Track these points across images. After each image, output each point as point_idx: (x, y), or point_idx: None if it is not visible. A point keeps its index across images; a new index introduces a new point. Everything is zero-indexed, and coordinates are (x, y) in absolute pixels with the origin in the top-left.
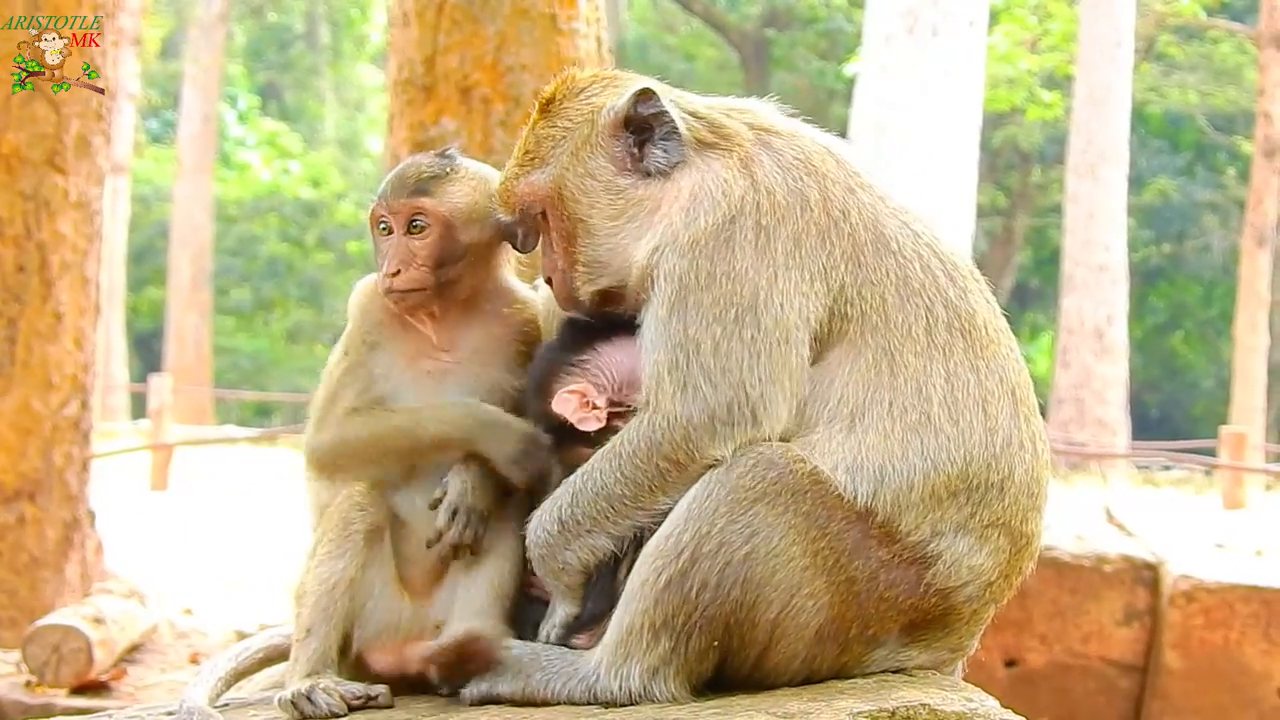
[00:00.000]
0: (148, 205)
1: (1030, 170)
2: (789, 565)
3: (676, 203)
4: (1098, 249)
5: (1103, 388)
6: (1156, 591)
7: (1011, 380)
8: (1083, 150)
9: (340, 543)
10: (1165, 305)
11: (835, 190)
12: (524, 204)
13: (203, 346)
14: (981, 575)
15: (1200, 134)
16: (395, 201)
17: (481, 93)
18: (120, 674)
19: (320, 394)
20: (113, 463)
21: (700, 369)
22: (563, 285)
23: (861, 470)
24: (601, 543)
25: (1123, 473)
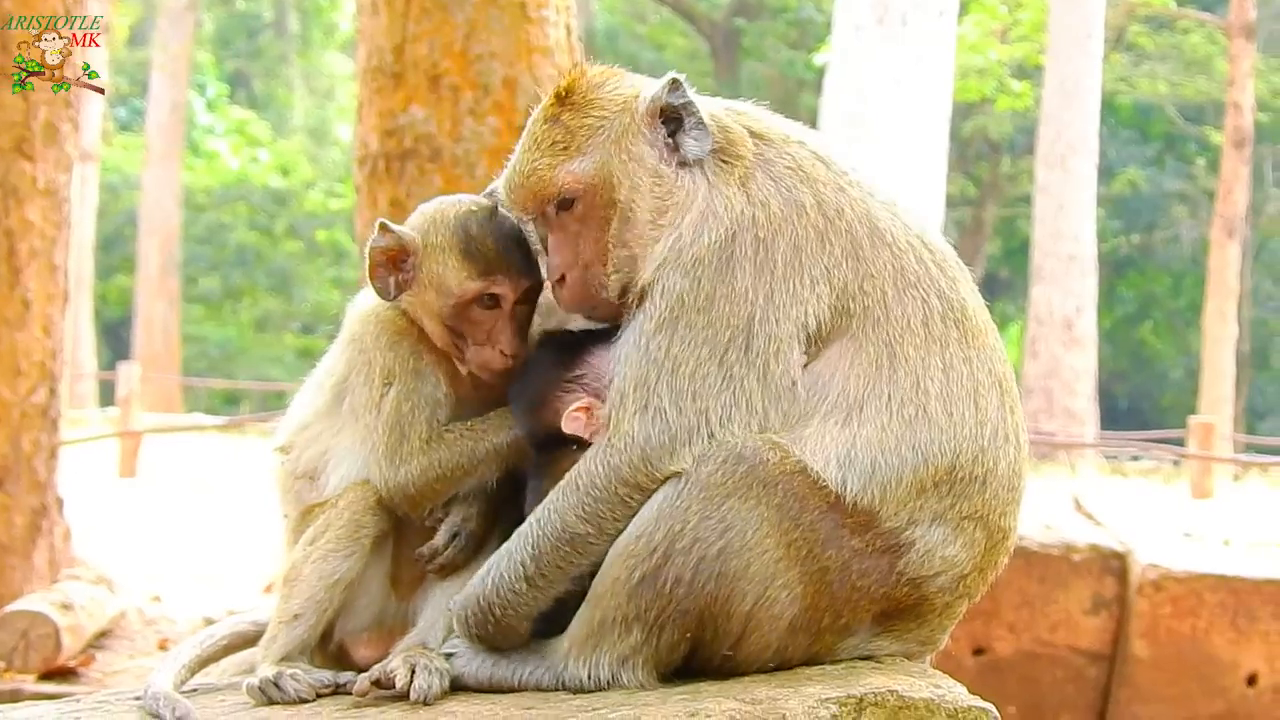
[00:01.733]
0: (116, 193)
1: (1000, 160)
2: (763, 558)
3: (688, 213)
4: (1067, 239)
5: (1072, 378)
6: (1124, 581)
7: (999, 372)
8: (1052, 140)
9: (349, 542)
10: (1134, 296)
11: (827, 192)
12: (561, 192)
13: (171, 334)
14: (955, 567)
15: (1170, 124)
16: (520, 284)
17: (450, 81)
18: (88, 660)
19: (382, 428)
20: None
21: (669, 389)
22: (583, 284)
23: (853, 463)
24: (563, 589)
25: (1091, 462)
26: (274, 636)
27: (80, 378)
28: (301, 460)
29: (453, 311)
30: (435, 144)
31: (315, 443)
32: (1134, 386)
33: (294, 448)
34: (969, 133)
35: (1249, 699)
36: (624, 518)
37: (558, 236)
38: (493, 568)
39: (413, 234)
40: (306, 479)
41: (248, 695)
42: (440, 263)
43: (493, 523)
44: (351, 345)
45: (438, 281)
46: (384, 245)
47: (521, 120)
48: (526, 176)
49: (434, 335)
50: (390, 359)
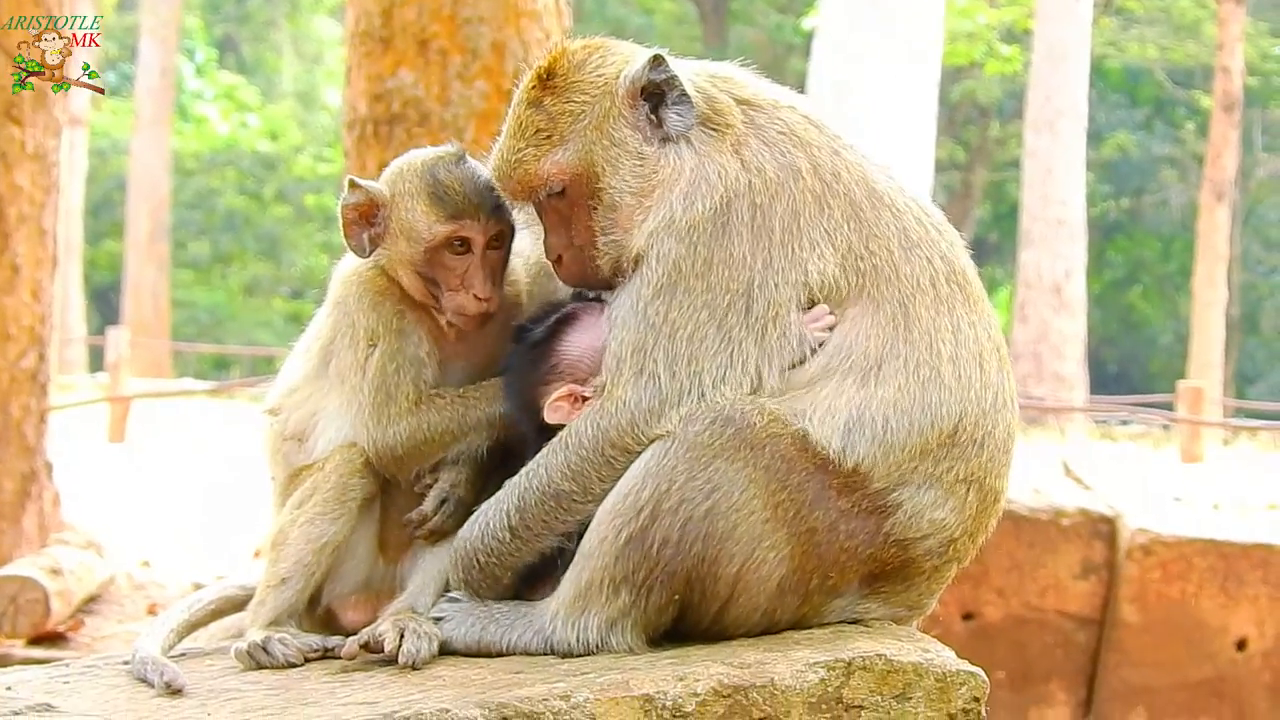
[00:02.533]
0: (105, 158)
1: (989, 125)
2: (750, 519)
3: (676, 185)
4: (1056, 204)
5: (1061, 342)
6: (1114, 545)
7: (996, 337)
8: (1041, 105)
9: (336, 505)
10: (1123, 260)
11: (822, 156)
12: (547, 184)
13: (160, 300)
14: (944, 530)
15: (1159, 88)
16: (490, 225)
17: (439, 45)
18: (77, 625)
19: (368, 389)
20: (70, 415)
21: (664, 354)
22: (578, 262)
23: (864, 423)
24: (549, 543)
25: (1080, 427)
26: (262, 601)
27: (69, 343)
28: (290, 423)
29: (424, 258)
30: (424, 108)
31: (303, 405)
32: (1123, 351)
33: (283, 410)
34: (958, 97)
35: (1238, 663)
36: (609, 479)
37: (551, 219)
38: (481, 515)
39: (381, 187)
40: (295, 441)
41: (236, 660)
42: (409, 210)
43: (481, 489)
44: (336, 308)
45: (408, 229)
46: (354, 201)
47: (510, 84)
48: (514, 167)
49: (411, 288)
50: (373, 319)
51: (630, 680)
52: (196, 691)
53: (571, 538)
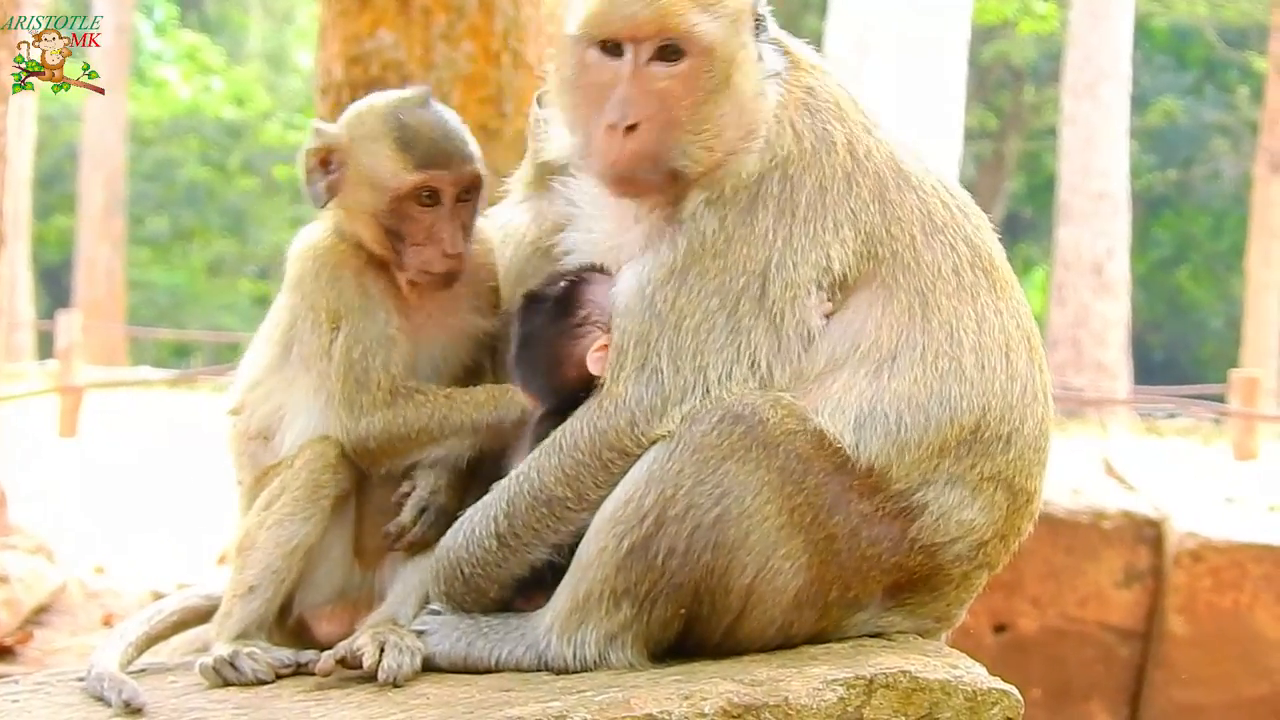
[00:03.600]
0: (55, 125)
1: (1023, 89)
2: (764, 525)
3: (759, 135)
4: (1096, 176)
5: (1102, 328)
6: (1160, 550)
7: (1027, 327)
8: (1080, 67)
9: (306, 505)
10: (1170, 237)
11: (858, 132)
12: (679, 38)
13: (115, 280)
14: (973, 532)
15: (1209, 49)
16: (461, 174)
17: (421, 3)
18: (26, 637)
19: (336, 376)
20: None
21: (669, 347)
22: (656, 141)
23: (876, 418)
24: (539, 554)
25: (1124, 421)
26: (229, 612)
27: (16, 327)
28: (254, 420)
29: (389, 208)
30: (405, 71)
31: (268, 400)
32: (1170, 337)
33: (246, 407)
34: (989, 59)
35: None
36: (606, 484)
37: (638, 82)
38: (466, 521)
39: (338, 130)
40: (260, 440)
41: (201, 676)
42: (372, 155)
43: (463, 496)
44: (294, 290)
45: (370, 176)
46: (314, 146)
47: (500, 45)
48: (649, 2)
49: (370, 241)
50: (334, 298)
51: (631, 699)
52: (158, 711)
53: (562, 550)
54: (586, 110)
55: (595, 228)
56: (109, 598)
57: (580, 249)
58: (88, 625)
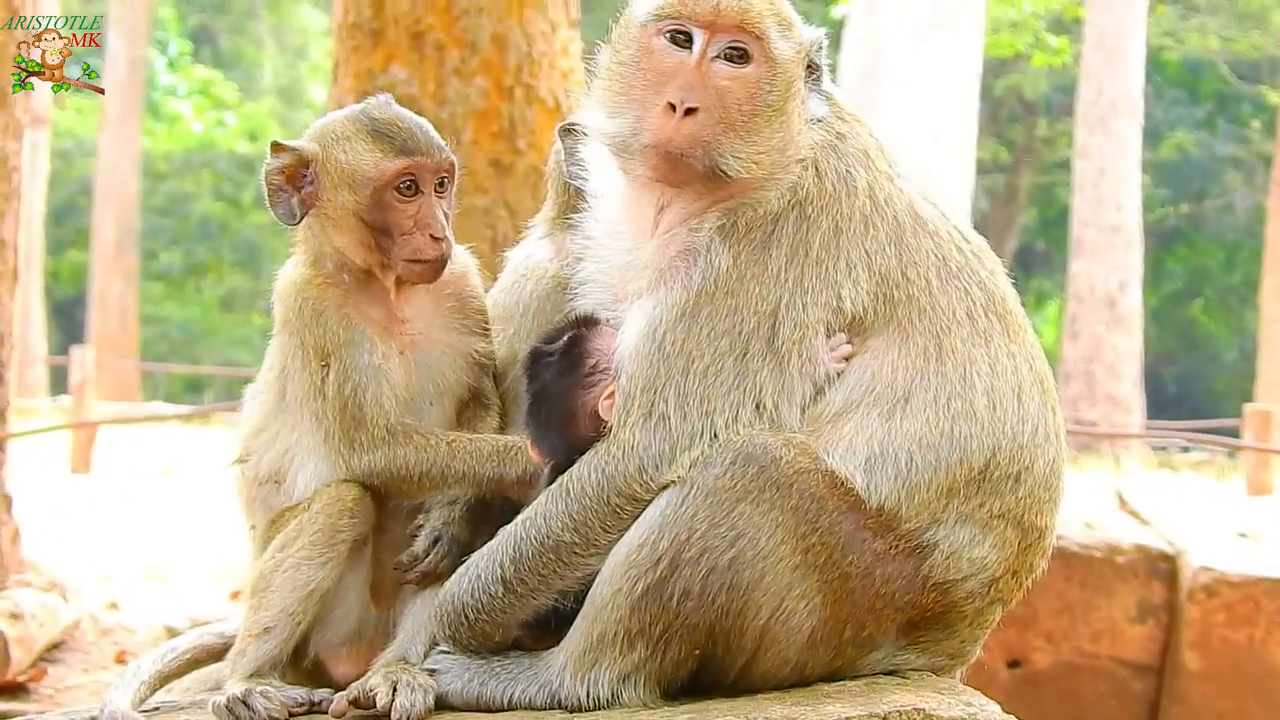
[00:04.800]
0: (69, 160)
1: (1035, 122)
2: (778, 566)
3: (790, 172)
4: (1109, 209)
5: (1115, 361)
6: (1174, 585)
7: (1040, 370)
8: (1093, 100)
9: (324, 549)
10: (1183, 270)
11: (881, 179)
12: (757, 36)
13: (128, 315)
14: (985, 569)
15: (1222, 83)
16: (438, 158)
17: (435, 38)
18: (40, 674)
19: (332, 414)
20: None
21: (676, 393)
22: (709, 133)
23: (887, 458)
24: (545, 601)
25: (1137, 455)
26: (243, 650)
27: (29, 363)
28: (262, 465)
29: (372, 202)
30: (418, 106)
31: (274, 444)
32: (1184, 370)
33: (252, 454)
34: (1002, 92)
35: None
36: (614, 530)
37: (702, 72)
38: (472, 566)
39: (307, 143)
40: (272, 484)
41: (214, 715)
42: (348, 153)
43: (478, 527)
44: (283, 330)
45: (349, 175)
46: (280, 164)
47: (512, 80)
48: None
49: (354, 248)
50: (320, 334)
51: None
52: None
53: (568, 596)
54: (643, 92)
55: (608, 255)
56: (122, 635)
57: (594, 279)
58: (101, 662)
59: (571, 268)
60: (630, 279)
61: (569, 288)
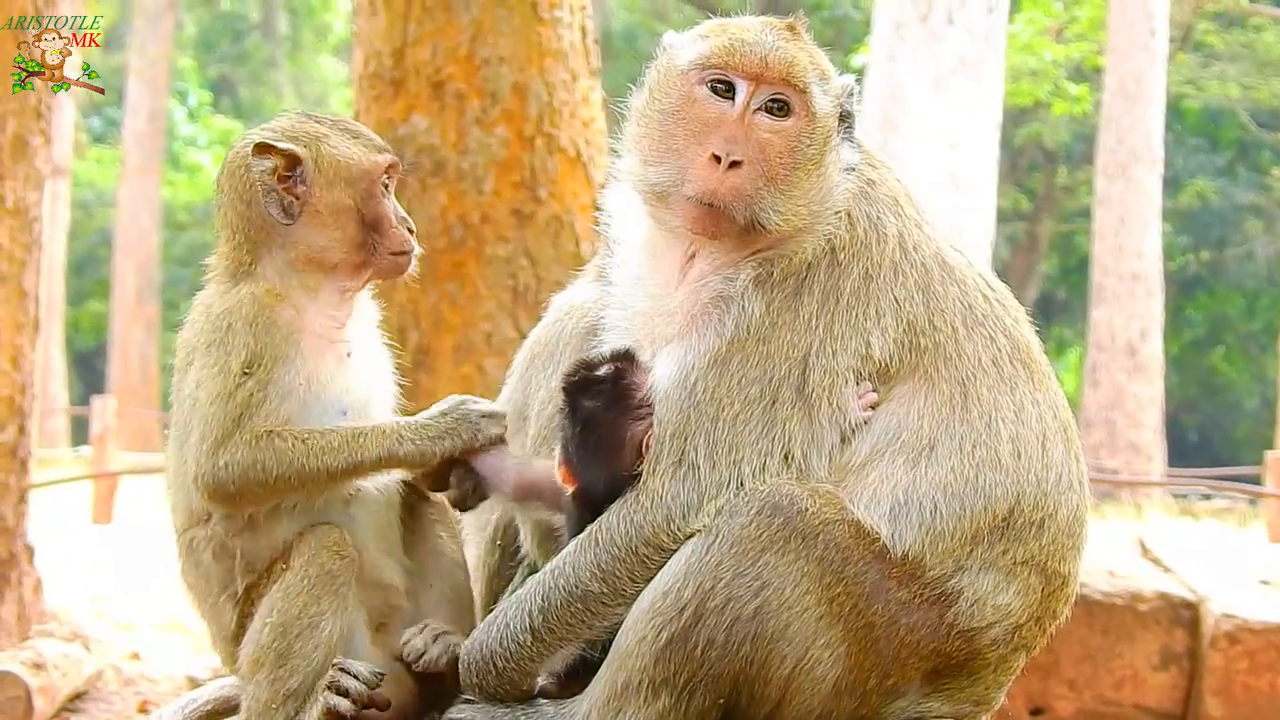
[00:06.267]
0: (89, 211)
1: (1056, 170)
2: (803, 616)
3: (823, 225)
4: (1130, 257)
5: (1136, 409)
6: (1196, 633)
7: (1063, 417)
8: (1113, 149)
9: (330, 599)
10: (1204, 318)
11: (910, 226)
12: (799, 89)
13: (149, 365)
14: (1009, 616)
15: (1242, 130)
16: (399, 159)
17: (455, 87)
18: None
19: (216, 411)
20: (52, 493)
21: (706, 441)
22: (752, 187)
23: (911, 506)
24: (573, 649)
25: (1158, 502)
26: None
27: (50, 413)
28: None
29: (366, 193)
30: (439, 156)
31: None
32: (1204, 418)
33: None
34: (1022, 141)
35: None
36: (642, 579)
37: (745, 124)
38: (500, 615)
39: (287, 145)
40: (248, 531)
41: None
42: (337, 149)
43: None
44: (211, 348)
45: (344, 170)
46: (273, 165)
47: (533, 130)
48: (778, 50)
49: (339, 244)
50: (261, 344)
51: None
52: None
53: (595, 644)
54: (685, 141)
55: (633, 302)
56: (144, 685)
57: (618, 326)
58: (124, 713)
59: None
60: (657, 325)
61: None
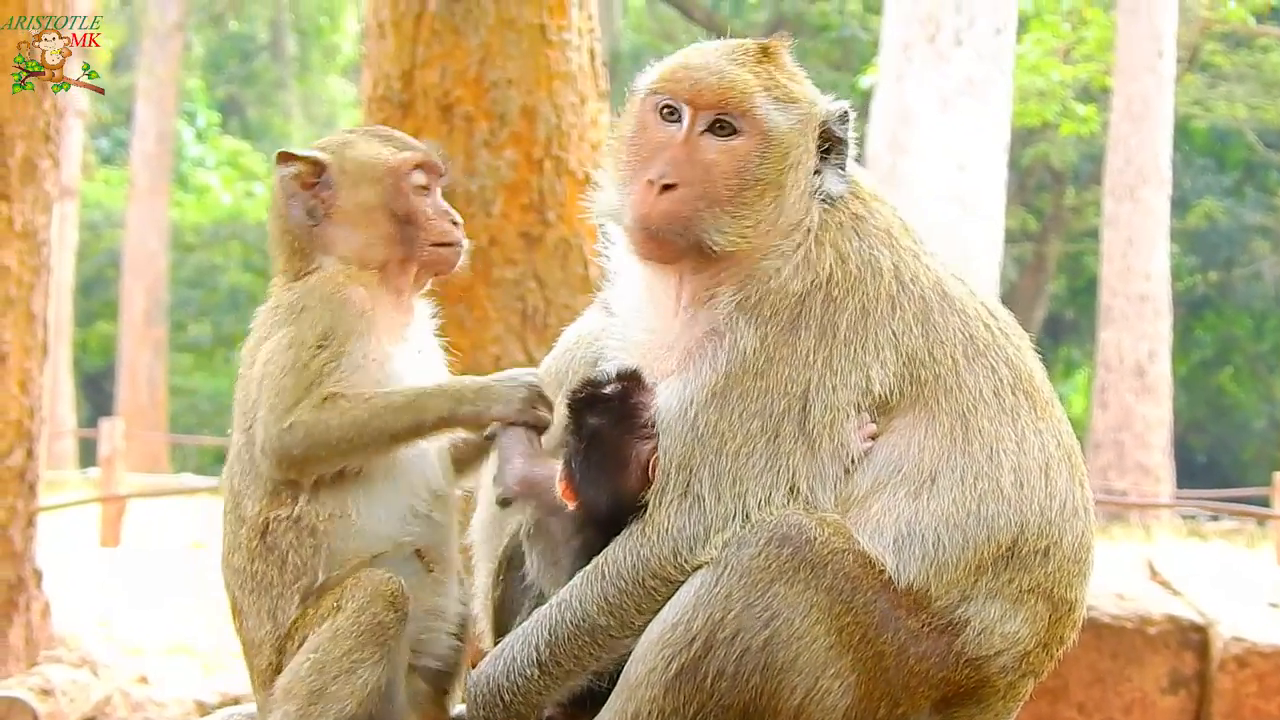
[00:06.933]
0: (97, 232)
1: (1064, 191)
2: (813, 647)
3: (799, 253)
4: (1138, 277)
5: (1145, 430)
6: (1205, 656)
7: (1068, 444)
8: (1121, 169)
9: (375, 648)
10: (1212, 339)
11: (906, 258)
12: (743, 111)
13: (158, 387)
14: (1017, 644)
15: (1249, 151)
16: (435, 157)
17: (464, 110)
18: None
19: (287, 381)
20: (60, 516)
21: (710, 473)
22: (690, 208)
23: (915, 538)
24: (580, 682)
25: (1167, 524)
26: None
27: (58, 436)
28: (322, 495)
29: (394, 190)
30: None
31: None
32: (1213, 439)
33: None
34: (1030, 161)
35: None
36: (649, 611)
37: (686, 149)
38: (507, 648)
39: (312, 152)
40: (339, 517)
41: None
42: (363, 151)
43: None
44: (282, 325)
45: (370, 171)
46: (296, 170)
47: (542, 153)
48: (719, 73)
49: (376, 243)
50: (336, 320)
51: None
52: None
53: (603, 676)
54: (634, 168)
55: (631, 334)
56: (153, 710)
57: (615, 356)
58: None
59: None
60: (656, 358)
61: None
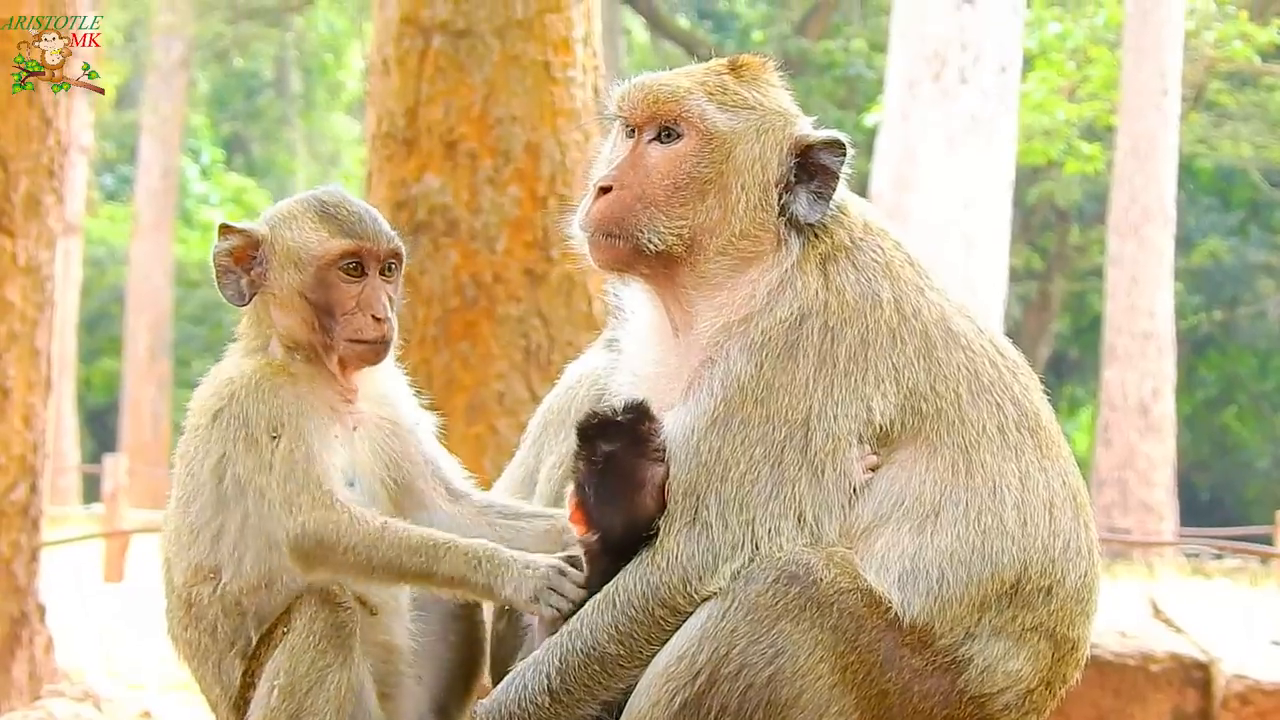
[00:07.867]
0: (102, 268)
1: (1068, 229)
2: (816, 684)
3: (766, 278)
4: (1142, 316)
5: (1148, 468)
6: (1208, 693)
7: (1073, 485)
8: (1126, 208)
9: (338, 649)
10: (1216, 377)
11: (908, 290)
12: (679, 120)
13: (161, 423)
14: (1020, 682)
15: (1254, 190)
16: (384, 243)
17: (468, 147)
18: None
19: (277, 484)
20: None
21: (716, 499)
22: (624, 210)
23: (919, 574)
24: (590, 711)
25: (1170, 562)
26: None
27: (62, 471)
28: (245, 570)
29: (315, 280)
30: (451, 216)
31: (246, 542)
32: (1217, 477)
33: (222, 567)
34: (1035, 200)
35: None
36: (658, 640)
37: (632, 158)
38: (518, 676)
39: (253, 226)
40: (263, 590)
41: None
42: (295, 230)
43: None
44: (217, 422)
45: (295, 254)
46: (229, 246)
47: (546, 190)
48: (656, 84)
49: (298, 327)
50: (275, 407)
51: None
52: None
53: (612, 707)
54: (592, 183)
55: (639, 367)
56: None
57: (623, 391)
58: None
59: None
60: (661, 389)
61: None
